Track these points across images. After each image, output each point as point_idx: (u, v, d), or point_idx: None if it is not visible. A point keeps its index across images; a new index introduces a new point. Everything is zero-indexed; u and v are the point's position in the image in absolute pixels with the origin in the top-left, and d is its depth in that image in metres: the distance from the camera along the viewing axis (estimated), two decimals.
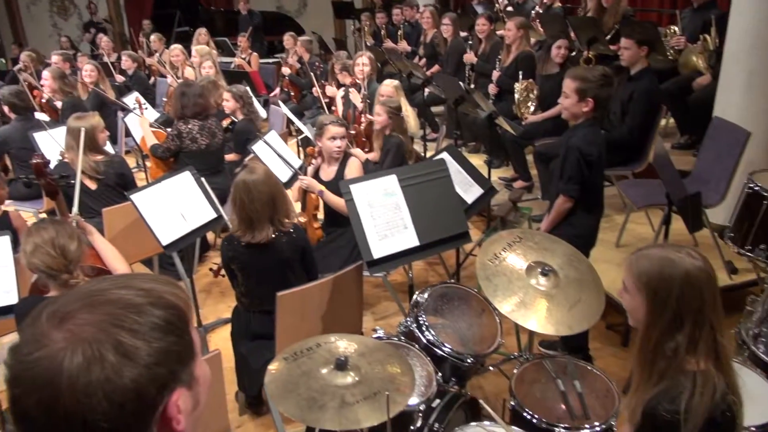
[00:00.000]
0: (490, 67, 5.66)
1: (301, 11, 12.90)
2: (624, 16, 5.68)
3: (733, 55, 3.92)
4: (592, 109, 2.81)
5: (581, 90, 2.78)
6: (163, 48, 9.02)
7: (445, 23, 6.47)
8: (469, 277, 3.87)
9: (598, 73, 2.81)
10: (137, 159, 6.43)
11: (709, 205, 3.53)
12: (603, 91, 2.79)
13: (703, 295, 1.41)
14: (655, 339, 1.41)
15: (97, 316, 0.73)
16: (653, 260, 1.47)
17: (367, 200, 2.60)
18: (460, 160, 3.52)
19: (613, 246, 3.98)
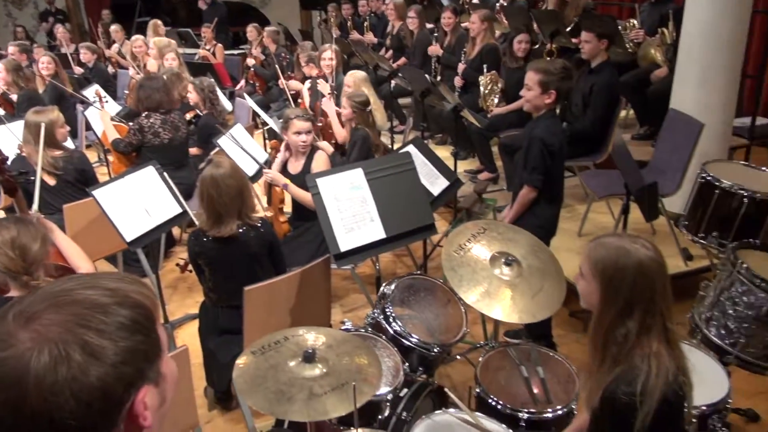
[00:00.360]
0: (456, 60, 5.71)
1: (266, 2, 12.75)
2: (585, 9, 5.80)
3: (687, 49, 4.05)
4: (554, 100, 2.90)
5: (543, 82, 2.86)
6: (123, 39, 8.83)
7: (411, 16, 6.51)
8: (437, 268, 3.93)
9: (560, 65, 2.90)
10: (98, 153, 6.31)
11: (666, 194, 3.65)
12: (564, 84, 2.88)
13: (655, 284, 1.49)
14: (606, 325, 1.48)
15: (63, 316, 0.74)
16: (609, 249, 1.54)
17: (334, 194, 2.63)
18: (426, 152, 3.56)
19: (575, 235, 4.08)
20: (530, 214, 3.02)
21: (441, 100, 4.59)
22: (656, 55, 4.97)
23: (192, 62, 7.06)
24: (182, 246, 4.75)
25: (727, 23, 3.83)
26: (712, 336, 2.47)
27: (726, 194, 2.92)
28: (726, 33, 3.86)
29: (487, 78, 5.11)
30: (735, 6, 3.81)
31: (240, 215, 2.63)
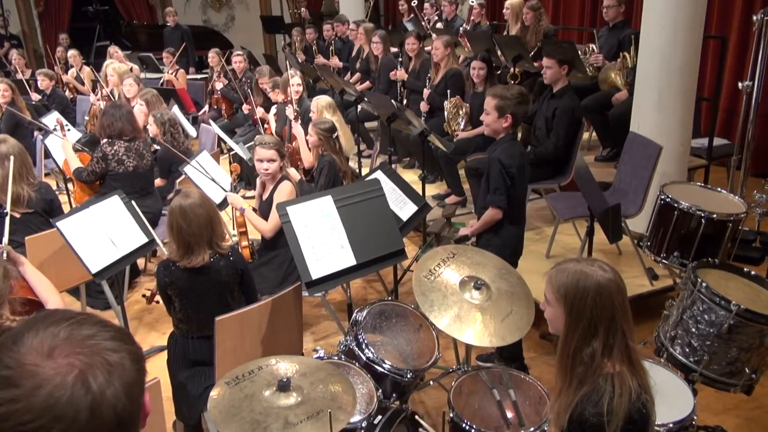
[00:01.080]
0: (421, 85, 5.85)
1: (228, 25, 12.84)
2: (546, 34, 6.03)
3: (644, 74, 4.25)
4: (510, 124, 3.05)
5: (500, 107, 3.03)
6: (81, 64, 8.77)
7: (375, 41, 6.65)
8: (408, 294, 3.99)
9: (515, 91, 3.07)
10: (57, 182, 6.23)
11: (629, 215, 3.81)
12: (520, 108, 3.05)
13: (614, 303, 1.58)
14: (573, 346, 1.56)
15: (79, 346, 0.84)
16: (569, 274, 1.63)
17: (304, 221, 2.67)
18: (394, 178, 3.65)
19: (543, 257, 4.20)
20: (494, 235, 3.13)
21: (408, 124, 4.70)
22: (616, 79, 5.18)
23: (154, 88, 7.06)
24: (147, 276, 4.72)
25: (680, 49, 4.05)
26: (677, 354, 2.58)
27: (684, 215, 3.06)
28: (679, 58, 4.07)
29: (452, 103, 5.24)
30: (687, 32, 4.03)
31: (210, 245, 2.65)
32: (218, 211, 2.81)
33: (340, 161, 4.30)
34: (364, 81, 7.25)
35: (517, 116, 3.06)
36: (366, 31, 7.22)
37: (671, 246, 3.13)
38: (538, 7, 6.12)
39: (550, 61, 4.29)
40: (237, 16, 12.87)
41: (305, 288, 2.68)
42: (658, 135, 4.09)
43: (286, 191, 3.54)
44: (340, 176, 4.28)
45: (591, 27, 7.13)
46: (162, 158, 4.71)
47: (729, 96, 6.01)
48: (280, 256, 3.58)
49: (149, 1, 12.17)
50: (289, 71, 5.84)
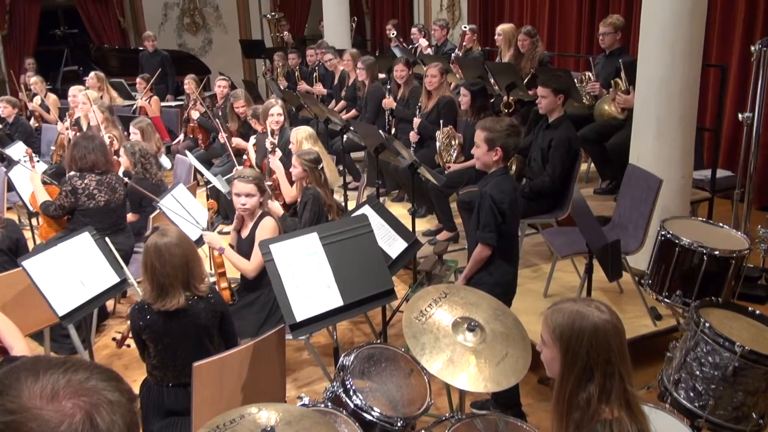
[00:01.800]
0: (410, 113, 5.98)
1: (205, 49, 13.01)
2: (541, 61, 6.21)
3: (642, 102, 4.41)
4: (501, 157, 3.16)
5: (489, 140, 3.12)
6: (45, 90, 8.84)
7: (360, 68, 6.79)
8: (398, 336, 4.03)
9: (506, 123, 3.19)
10: (20, 217, 6.24)
11: (629, 251, 3.90)
12: (510, 140, 3.16)
13: (610, 345, 1.65)
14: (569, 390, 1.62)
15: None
16: (565, 314, 1.70)
17: (288, 260, 2.73)
18: (382, 212, 3.71)
19: (540, 296, 4.27)
20: (485, 273, 3.20)
21: (396, 156, 4.79)
22: (611, 110, 5.34)
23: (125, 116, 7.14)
24: (116, 319, 4.72)
25: (679, 77, 4.21)
26: (682, 399, 2.64)
27: (686, 252, 3.16)
28: (678, 87, 4.23)
29: (444, 133, 5.36)
30: (685, 60, 4.20)
31: (187, 286, 2.69)
32: (197, 250, 2.85)
33: (325, 194, 4.37)
34: (350, 109, 7.38)
35: (508, 149, 3.17)
36: (352, 56, 7.38)
37: (673, 284, 3.22)
38: (534, 34, 6.32)
39: (546, 90, 4.43)
40: (215, 39, 13.07)
41: (289, 331, 2.71)
42: (658, 166, 4.23)
43: (268, 228, 3.58)
44: (325, 210, 4.34)
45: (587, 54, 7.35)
46: (133, 192, 4.75)
47: (732, 126, 6.20)
48: (262, 297, 3.61)
49: (121, 23, 12.34)
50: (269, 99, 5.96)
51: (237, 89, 6.91)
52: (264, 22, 13.03)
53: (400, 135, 6.26)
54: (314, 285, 2.75)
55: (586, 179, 6.15)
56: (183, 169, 5.90)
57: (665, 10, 4.17)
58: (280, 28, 12.28)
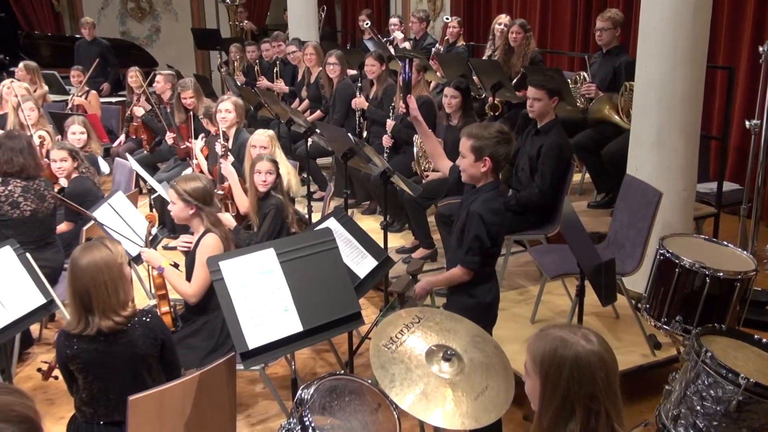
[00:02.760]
0: (384, 114, 6.02)
1: (152, 39, 12.95)
2: (532, 60, 6.30)
3: (641, 108, 4.50)
4: (490, 168, 3.16)
5: (477, 148, 3.13)
6: None
7: (331, 62, 6.80)
8: (365, 366, 4.03)
9: (494, 129, 3.19)
10: None
11: (626, 272, 3.97)
12: (500, 149, 3.14)
13: (595, 379, 1.68)
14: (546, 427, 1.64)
15: None
16: (548, 340, 1.73)
17: (240, 280, 2.72)
18: (350, 226, 3.73)
19: (527, 322, 4.32)
20: (463, 294, 3.22)
21: (367, 162, 4.81)
22: (611, 115, 5.42)
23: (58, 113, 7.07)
24: (42, 346, 4.65)
25: (681, 80, 4.32)
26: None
27: (687, 273, 3.22)
28: (680, 91, 4.33)
29: None
30: (688, 62, 4.30)
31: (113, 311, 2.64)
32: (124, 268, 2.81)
33: (286, 205, 4.38)
34: (315, 109, 7.40)
35: (498, 159, 3.15)
36: (316, 50, 7.39)
37: (673, 309, 3.28)
38: (529, 28, 6.42)
39: (539, 92, 4.49)
40: (163, 27, 13.01)
41: (240, 360, 2.70)
42: (658, 178, 4.31)
43: (210, 247, 3.56)
44: (287, 223, 4.35)
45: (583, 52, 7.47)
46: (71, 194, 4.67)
47: (740, 134, 6.33)
48: (210, 322, 3.59)
49: (55, 7, 12.22)
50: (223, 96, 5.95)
51: (186, 78, 6.86)
52: (220, 8, 13.02)
53: (372, 139, 6.30)
54: (270, 308, 2.74)
55: (580, 191, 6.25)
56: (123, 175, 5.85)
57: (666, 6, 4.27)
58: (239, 16, 12.28)
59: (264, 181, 4.33)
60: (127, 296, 2.73)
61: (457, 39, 7.67)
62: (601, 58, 5.86)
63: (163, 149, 7.19)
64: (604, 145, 5.50)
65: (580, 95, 5.76)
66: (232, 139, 5.53)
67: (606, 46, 5.76)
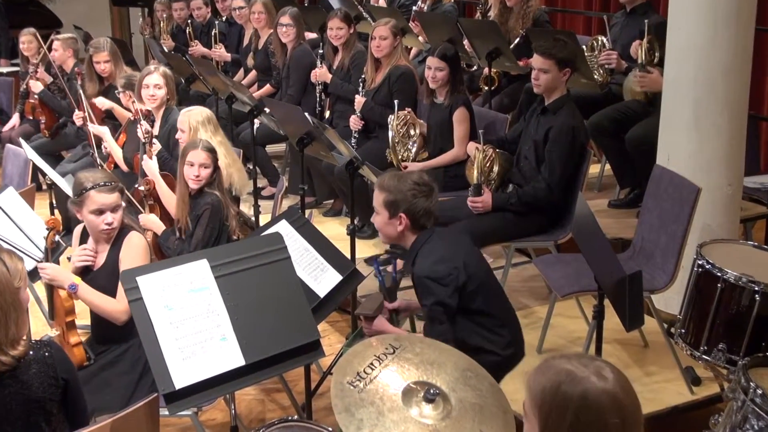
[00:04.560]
0: (352, 89, 6.00)
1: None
2: (536, 21, 6.32)
3: (673, 81, 4.52)
4: (407, 226, 3.33)
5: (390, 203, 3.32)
6: None
7: (284, 23, 6.76)
8: (326, 410, 4.00)
9: (411, 180, 3.35)
10: None
11: (655, 289, 3.98)
12: (419, 203, 3.32)
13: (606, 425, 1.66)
14: None
15: None
16: (551, 375, 1.72)
17: (164, 300, 2.69)
18: (307, 231, 3.71)
19: (533, 352, 4.30)
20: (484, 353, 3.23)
21: (330, 150, 4.79)
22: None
23: None
24: None
25: (723, 47, 4.33)
26: None
27: (731, 290, 3.23)
28: (723, 60, 4.34)
29: (400, 118, 5.39)
30: (732, 23, 4.30)
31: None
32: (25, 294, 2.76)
33: (227, 203, 4.34)
34: (264, 83, 7.37)
35: (417, 215, 3.32)
36: (266, 7, 7.35)
37: (714, 335, 3.28)
38: None
39: (547, 61, 4.48)
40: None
41: (164, 402, 2.67)
42: (696, 169, 4.34)
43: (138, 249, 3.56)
44: (226, 226, 4.31)
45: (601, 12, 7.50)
46: None
47: None
48: (130, 351, 3.57)
49: None
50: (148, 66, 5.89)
51: (100, 39, 6.75)
52: None
53: (337, 120, 6.29)
54: (203, 336, 2.72)
55: (598, 186, 6.27)
56: (16, 166, 5.79)
57: None
58: None
59: (197, 176, 4.28)
60: (20, 331, 2.68)
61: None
62: (624, 18, 5.90)
63: (69, 133, 7.11)
64: (628, 127, 5.50)
65: (598, 65, 5.78)
66: (159, 122, 5.48)
67: (630, 4, 5.80)
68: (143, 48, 11.43)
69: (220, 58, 8.23)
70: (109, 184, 3.61)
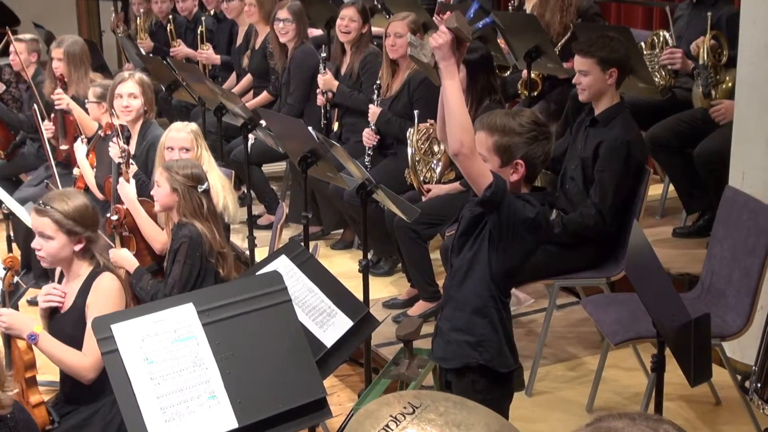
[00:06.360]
0: (363, 99, 6.09)
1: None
2: (585, 13, 6.36)
3: (747, 86, 4.57)
4: (523, 176, 3.25)
5: (503, 148, 3.22)
6: None
7: (281, 17, 6.83)
8: None
9: (526, 118, 3.27)
10: None
11: (727, 335, 4.00)
12: (537, 148, 3.24)
13: None
14: None
15: None
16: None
17: (143, 352, 2.73)
18: (311, 269, 3.73)
19: (582, 410, 4.35)
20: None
21: (338, 171, 4.82)
22: None
23: None
24: None
25: None
26: None
27: None
28: None
29: (421, 131, 5.43)
30: None
31: None
32: None
33: (213, 236, 4.36)
34: (261, 90, 7.45)
35: (535, 162, 3.27)
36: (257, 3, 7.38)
37: None
38: None
39: (587, 61, 4.56)
40: None
41: None
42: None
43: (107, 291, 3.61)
44: (211, 264, 4.34)
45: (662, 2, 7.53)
46: None
47: None
48: (102, 411, 3.62)
49: None
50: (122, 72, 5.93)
51: (63, 36, 6.81)
52: None
53: (347, 135, 6.34)
54: (189, 394, 2.75)
55: (661, 211, 6.28)
56: None
57: None
58: None
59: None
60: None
61: None
62: (691, 9, 5.91)
63: (28, 153, 7.16)
64: (696, 140, 5.48)
65: (660, 66, 5.80)
66: (136, 138, 5.53)
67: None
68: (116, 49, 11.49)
69: (207, 61, 8.29)
70: (40, 204, 3.69)
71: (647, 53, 5.84)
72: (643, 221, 4.65)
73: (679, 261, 5.32)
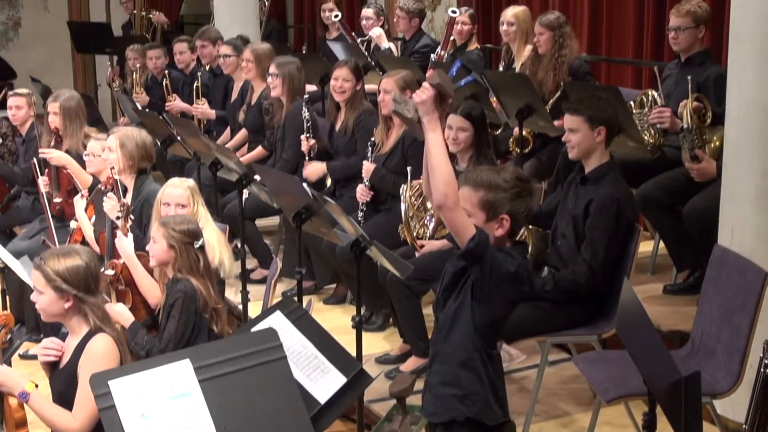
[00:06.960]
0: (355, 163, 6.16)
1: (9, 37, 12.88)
2: (575, 71, 6.44)
3: (735, 143, 4.63)
4: (507, 232, 3.35)
5: (488, 204, 3.31)
6: None
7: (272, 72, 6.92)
8: None
9: (509, 174, 3.37)
10: None
11: (717, 393, 4.02)
12: (520, 204, 3.34)
13: None
14: None
15: None
16: None
17: (140, 408, 2.74)
18: (305, 325, 3.74)
19: None
20: None
21: (332, 227, 4.86)
22: None
23: None
24: None
25: None
26: None
27: None
28: None
29: (414, 188, 5.47)
30: None
31: None
32: None
33: (208, 292, 4.38)
34: (256, 145, 7.50)
35: (518, 218, 3.38)
36: (256, 55, 7.50)
37: None
38: (559, 25, 6.48)
39: (576, 119, 4.64)
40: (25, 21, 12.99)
41: None
42: (764, 249, 4.41)
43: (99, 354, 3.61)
44: (205, 319, 4.35)
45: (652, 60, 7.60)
46: None
47: None
48: None
49: None
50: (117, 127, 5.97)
51: (60, 91, 6.87)
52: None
53: (341, 191, 6.38)
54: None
55: (652, 268, 6.31)
56: None
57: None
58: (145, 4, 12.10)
59: None
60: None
61: (469, 40, 7.74)
62: (679, 69, 5.98)
63: (22, 206, 7.17)
64: (686, 198, 5.53)
65: (649, 125, 5.85)
66: (131, 193, 5.56)
67: (685, 53, 5.89)
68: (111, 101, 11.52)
69: (202, 116, 8.36)
70: (39, 258, 3.72)
71: (636, 112, 5.91)
72: (633, 278, 4.67)
73: (670, 318, 5.36)
